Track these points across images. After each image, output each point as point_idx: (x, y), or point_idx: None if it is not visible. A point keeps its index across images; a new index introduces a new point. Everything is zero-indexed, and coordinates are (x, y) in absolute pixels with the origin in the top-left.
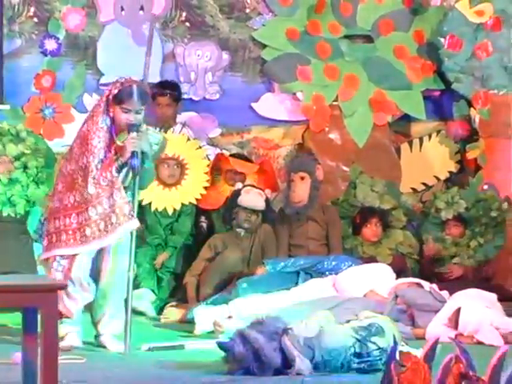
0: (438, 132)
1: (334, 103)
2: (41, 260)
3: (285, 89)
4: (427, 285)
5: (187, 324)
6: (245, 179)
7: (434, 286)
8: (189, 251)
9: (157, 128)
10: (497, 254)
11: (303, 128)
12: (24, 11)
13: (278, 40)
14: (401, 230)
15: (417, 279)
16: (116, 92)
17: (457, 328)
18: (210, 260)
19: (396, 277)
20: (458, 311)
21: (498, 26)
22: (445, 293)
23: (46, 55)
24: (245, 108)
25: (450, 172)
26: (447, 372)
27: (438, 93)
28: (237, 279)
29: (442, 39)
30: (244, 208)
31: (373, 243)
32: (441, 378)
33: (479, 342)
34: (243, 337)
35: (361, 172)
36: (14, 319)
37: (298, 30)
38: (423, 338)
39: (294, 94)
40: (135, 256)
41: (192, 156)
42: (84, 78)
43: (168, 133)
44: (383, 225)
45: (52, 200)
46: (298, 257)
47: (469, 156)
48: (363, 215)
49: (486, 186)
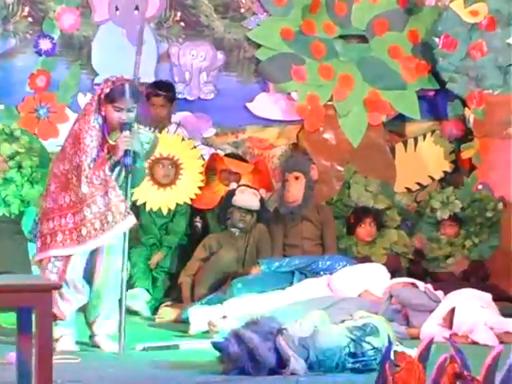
0: (433, 132)
1: (329, 103)
2: (35, 261)
3: (279, 89)
4: (422, 285)
5: (182, 324)
6: (239, 179)
7: (429, 286)
8: (184, 251)
9: (151, 128)
10: (492, 254)
11: (298, 128)
12: (18, 11)
13: (273, 40)
14: (395, 230)
15: (411, 279)
16: (108, 91)
17: (451, 328)
18: (205, 260)
19: (391, 276)
20: (453, 311)
21: (493, 26)
22: (439, 293)
23: (41, 55)
24: (239, 108)
25: (445, 172)
26: (442, 372)
27: (433, 93)
28: (231, 279)
29: (437, 39)
30: (239, 208)
31: (367, 243)
32: (435, 378)
33: (474, 342)
34: (238, 337)
35: (355, 172)
36: (9, 319)
37: (293, 30)
38: (418, 338)
39: (289, 94)
40: (130, 256)
41: (187, 156)
42: (78, 78)
43: (163, 133)
44: (377, 224)
45: (45, 201)
46: (293, 257)
47: (463, 156)
48: (357, 215)
49: (481, 186)
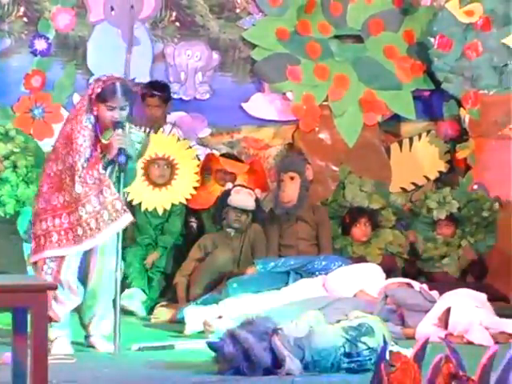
0: (428, 132)
1: (324, 103)
2: (30, 263)
3: (275, 89)
4: (417, 285)
5: (177, 324)
6: (235, 179)
7: (424, 286)
8: (179, 251)
9: (146, 128)
10: (488, 254)
11: (293, 128)
12: (14, 11)
13: (268, 40)
14: (390, 230)
15: (407, 279)
16: (99, 90)
17: (447, 328)
18: (200, 260)
19: (386, 276)
20: (448, 311)
21: (488, 26)
22: (435, 293)
23: (36, 55)
24: (235, 108)
25: (440, 172)
26: (437, 372)
27: (428, 93)
28: (227, 279)
29: (432, 39)
30: (234, 208)
31: (362, 243)
32: (431, 378)
33: (469, 342)
34: (233, 337)
35: (349, 172)
36: (4, 319)
37: (288, 30)
38: (413, 338)
39: (284, 94)
40: (125, 256)
41: (182, 156)
42: (74, 78)
43: (158, 133)
44: (372, 224)
45: (37, 201)
46: (289, 257)
47: (459, 156)
48: (352, 215)
49: (476, 186)
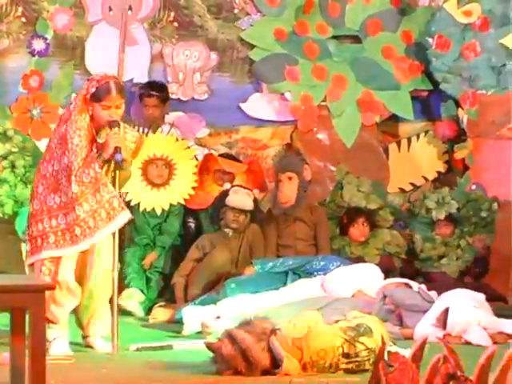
0: (426, 132)
1: (322, 103)
2: (27, 265)
3: (273, 89)
4: (416, 285)
5: (175, 324)
6: (233, 179)
7: (423, 287)
8: (177, 251)
9: (145, 128)
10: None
11: (291, 128)
12: (12, 11)
13: (266, 40)
14: (388, 230)
15: (405, 279)
16: (93, 90)
17: (445, 328)
18: (199, 260)
19: (384, 277)
20: (446, 311)
21: (486, 27)
22: (433, 293)
23: (34, 55)
24: (233, 108)
25: (438, 172)
26: (435, 372)
27: (426, 93)
28: (225, 279)
29: (430, 39)
30: (232, 208)
31: (360, 243)
32: (429, 379)
33: (467, 342)
34: (231, 337)
35: (347, 172)
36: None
37: (286, 31)
38: (411, 338)
39: (282, 94)
40: (124, 256)
41: (180, 156)
42: (72, 78)
43: (156, 133)
44: (370, 225)
45: (32, 203)
46: (287, 257)
47: (457, 156)
48: (350, 215)
49: (474, 186)
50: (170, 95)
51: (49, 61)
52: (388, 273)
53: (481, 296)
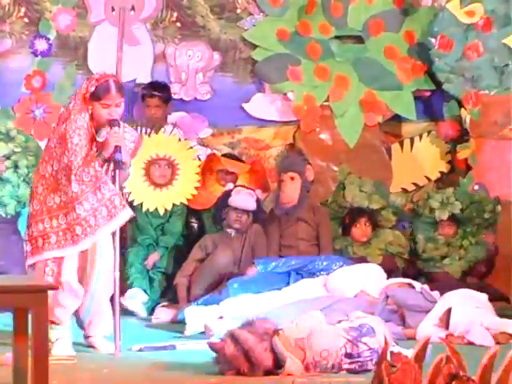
0: (429, 132)
1: (325, 103)
2: (27, 266)
3: (275, 89)
4: (418, 285)
5: (178, 324)
6: (236, 179)
7: (425, 287)
8: (180, 252)
9: (147, 129)
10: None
11: (294, 128)
12: (14, 11)
13: (269, 40)
14: (390, 230)
15: (408, 279)
16: (93, 89)
17: (447, 328)
18: (201, 260)
19: (387, 277)
20: (449, 311)
21: (489, 27)
22: (436, 293)
23: (37, 55)
24: (236, 108)
25: (441, 172)
26: (438, 372)
27: (429, 93)
28: (227, 280)
29: (433, 39)
30: (234, 208)
31: (362, 243)
32: (431, 379)
33: (470, 343)
34: (234, 337)
35: (349, 172)
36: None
37: (289, 31)
38: (414, 339)
39: (285, 95)
40: (127, 256)
41: (183, 156)
42: (74, 79)
43: (159, 133)
44: (372, 225)
45: (32, 203)
46: (289, 257)
47: (459, 156)
48: (352, 215)
49: (477, 187)
50: (173, 95)
51: (51, 61)
52: (390, 273)
53: (483, 296)
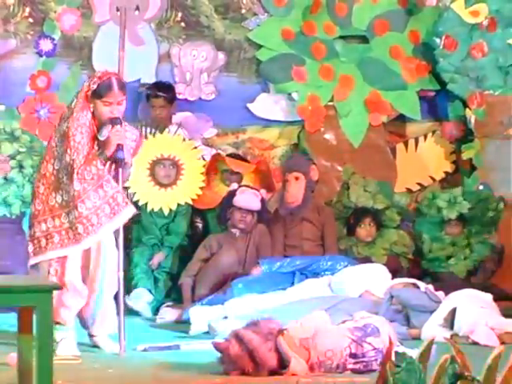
0: (434, 132)
1: (330, 103)
2: (30, 265)
3: (280, 89)
4: (423, 285)
5: (183, 324)
6: (241, 179)
7: (430, 287)
8: (184, 252)
9: (152, 129)
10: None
11: (298, 128)
12: (19, 11)
13: (274, 40)
14: (395, 230)
15: (413, 279)
16: (95, 87)
17: (452, 328)
18: (206, 260)
19: (391, 277)
20: (454, 311)
21: (493, 27)
22: (440, 293)
23: (41, 56)
24: (240, 108)
25: (446, 172)
26: (442, 372)
27: (433, 93)
28: (232, 279)
29: (438, 39)
30: (239, 208)
31: (367, 243)
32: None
33: (474, 343)
34: (238, 337)
35: (353, 172)
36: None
37: (294, 31)
38: (419, 339)
39: (290, 95)
40: (132, 256)
41: (188, 156)
42: (79, 79)
43: (163, 133)
44: (377, 224)
45: (34, 203)
46: (294, 257)
47: (464, 156)
48: (357, 215)
49: (482, 187)
50: (177, 95)
51: (56, 61)
52: (395, 273)
53: (488, 296)
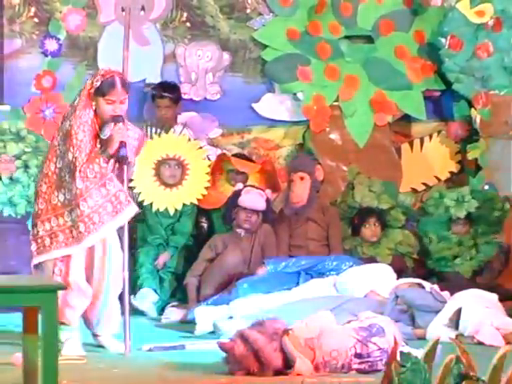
0: (439, 132)
1: (335, 103)
2: (33, 265)
3: (285, 89)
4: (428, 285)
5: (188, 324)
6: (246, 179)
7: (436, 287)
8: (190, 252)
9: (157, 129)
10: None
11: (304, 128)
12: (25, 11)
13: (279, 40)
14: (400, 230)
15: (418, 279)
16: (98, 85)
17: (457, 328)
18: (211, 260)
19: (396, 277)
20: (459, 312)
21: (499, 27)
22: (446, 293)
23: (47, 56)
24: (245, 108)
25: (451, 172)
26: (447, 372)
27: (439, 93)
28: (237, 279)
29: (443, 39)
30: (244, 208)
31: (372, 243)
32: (441, 379)
33: (480, 343)
34: (244, 337)
35: (358, 172)
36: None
37: (299, 31)
38: (424, 339)
39: (295, 95)
40: (137, 256)
41: (193, 156)
42: (85, 79)
43: (169, 133)
44: (382, 224)
45: (36, 202)
46: (299, 257)
47: (469, 156)
48: (361, 215)
49: (487, 186)
50: (183, 95)
51: (61, 61)
52: (400, 273)
53: (494, 296)
